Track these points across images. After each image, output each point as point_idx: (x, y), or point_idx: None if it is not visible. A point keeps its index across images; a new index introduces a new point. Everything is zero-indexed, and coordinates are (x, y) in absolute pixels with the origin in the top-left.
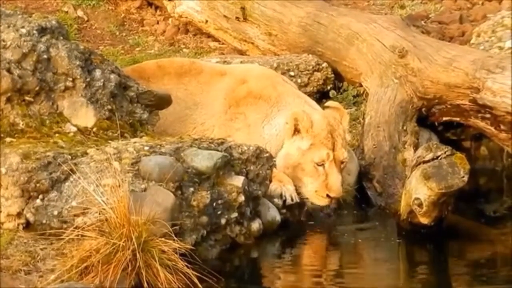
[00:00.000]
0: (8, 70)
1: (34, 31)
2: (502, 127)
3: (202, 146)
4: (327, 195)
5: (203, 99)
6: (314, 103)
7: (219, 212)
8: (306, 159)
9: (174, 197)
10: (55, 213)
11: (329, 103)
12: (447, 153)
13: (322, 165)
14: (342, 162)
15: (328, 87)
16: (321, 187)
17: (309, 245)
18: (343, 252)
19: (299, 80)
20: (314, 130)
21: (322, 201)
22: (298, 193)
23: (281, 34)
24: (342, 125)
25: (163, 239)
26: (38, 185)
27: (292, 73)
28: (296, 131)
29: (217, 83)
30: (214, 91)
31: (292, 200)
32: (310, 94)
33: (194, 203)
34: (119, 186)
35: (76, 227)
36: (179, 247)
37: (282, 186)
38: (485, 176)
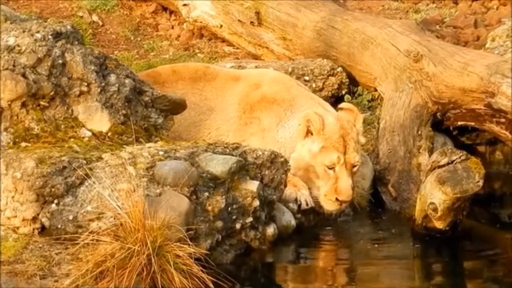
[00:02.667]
0: (23, 75)
1: (49, 36)
2: None
3: (217, 151)
4: (336, 199)
5: (218, 104)
6: (328, 105)
7: (234, 217)
8: (317, 162)
9: (189, 201)
10: (70, 217)
11: (343, 104)
12: (462, 157)
13: (333, 168)
14: (353, 166)
15: (343, 92)
16: (330, 190)
17: (324, 249)
18: (357, 256)
19: (313, 85)
20: (326, 132)
21: (331, 206)
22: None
23: (296, 39)
24: (355, 128)
25: (178, 243)
26: (53, 189)
27: (307, 78)
28: (308, 132)
29: (232, 88)
30: (229, 96)
31: (307, 205)
32: (325, 99)
33: (209, 208)
34: (134, 190)
35: (91, 232)
36: (194, 252)
37: (297, 191)
38: (500, 180)
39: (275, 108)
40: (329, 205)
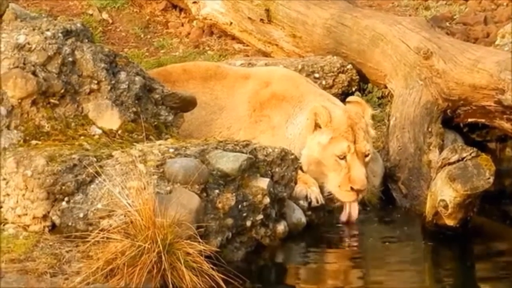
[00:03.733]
0: (34, 73)
1: (59, 34)
2: None
3: (227, 148)
4: (351, 188)
5: (228, 103)
6: (337, 100)
7: (244, 214)
8: (327, 153)
9: (199, 199)
10: (81, 215)
11: (350, 98)
12: (472, 154)
13: (344, 158)
14: (365, 156)
15: (353, 89)
16: (344, 180)
17: (334, 247)
18: (368, 254)
19: (323, 82)
20: (333, 124)
21: (347, 196)
22: (324, 192)
23: (306, 36)
24: (364, 119)
25: (188, 241)
26: (63, 187)
27: (316, 75)
28: (317, 126)
29: (241, 87)
30: (239, 95)
31: (317, 202)
32: (334, 96)
33: (219, 205)
34: (144, 188)
35: (102, 230)
36: (204, 249)
37: (307, 188)
38: (510, 177)
39: (284, 105)
40: (345, 197)
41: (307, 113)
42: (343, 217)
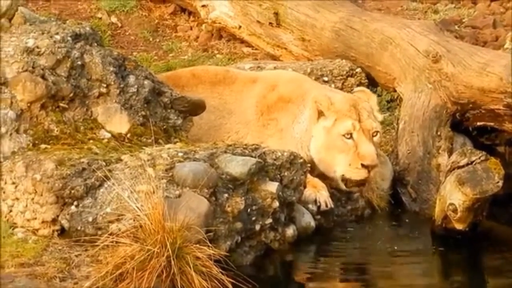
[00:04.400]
0: (43, 77)
1: (68, 38)
2: None
3: (236, 152)
4: (362, 165)
5: (237, 107)
6: (340, 91)
7: (253, 218)
8: (333, 135)
9: (209, 203)
10: (90, 219)
11: (355, 89)
12: (481, 158)
13: (350, 137)
14: (373, 134)
15: None
16: (353, 158)
17: (343, 251)
18: (376, 257)
19: (332, 86)
20: (335, 106)
21: (359, 174)
22: (337, 179)
23: (314, 39)
24: (369, 104)
25: (197, 245)
26: (72, 191)
27: (325, 78)
28: (320, 114)
29: (249, 91)
30: (247, 99)
31: (326, 206)
32: None
33: (229, 209)
34: (154, 192)
35: (111, 234)
36: (213, 253)
37: (316, 192)
38: None
39: (290, 107)
40: (356, 174)
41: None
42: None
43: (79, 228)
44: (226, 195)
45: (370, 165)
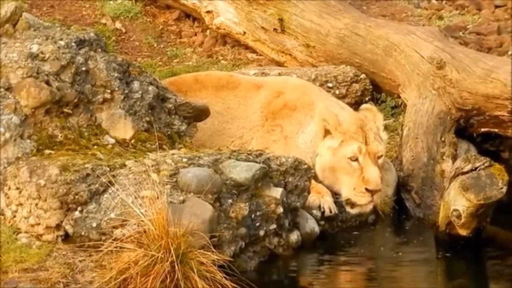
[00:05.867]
0: (47, 82)
1: (73, 44)
2: None
3: (240, 158)
4: (366, 190)
5: (241, 112)
6: (347, 106)
7: (257, 224)
8: (339, 157)
9: (213, 208)
10: (94, 225)
11: (362, 106)
12: (485, 164)
13: (356, 160)
14: (378, 157)
15: (366, 99)
16: (358, 182)
17: (347, 257)
18: (381, 263)
19: (337, 92)
20: (342, 127)
21: (362, 199)
22: (338, 201)
23: (319, 46)
24: (375, 123)
25: (201, 250)
26: (76, 197)
27: (330, 85)
28: (327, 132)
29: (254, 96)
30: (251, 104)
31: (330, 211)
32: (348, 105)
33: (233, 215)
34: (158, 198)
35: (115, 239)
36: (217, 259)
37: (320, 198)
38: None
39: (296, 115)
40: (361, 199)
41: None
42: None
43: (83, 233)
44: (230, 200)
45: (374, 189)
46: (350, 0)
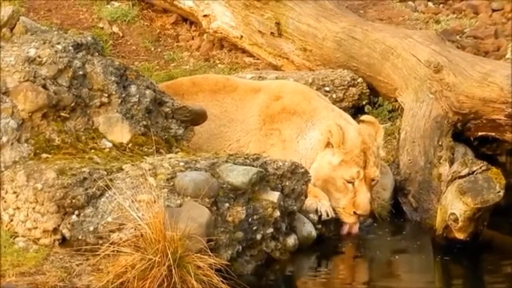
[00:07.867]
0: (44, 86)
1: (70, 47)
2: None
3: (237, 162)
4: (354, 213)
5: (238, 116)
6: (349, 117)
7: (254, 228)
8: (337, 175)
9: (210, 212)
10: (91, 228)
11: (364, 117)
12: (482, 168)
13: (352, 182)
14: (373, 180)
15: (363, 102)
16: (348, 204)
17: (345, 260)
18: (378, 267)
19: (334, 95)
20: (346, 146)
21: (349, 219)
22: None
23: (316, 49)
24: (376, 142)
25: (198, 254)
26: (74, 201)
27: (327, 88)
28: (329, 144)
29: (252, 100)
30: (249, 108)
31: (327, 215)
32: (345, 109)
33: (230, 219)
34: (155, 201)
35: (112, 243)
36: (214, 263)
37: (317, 202)
38: None
39: (295, 120)
40: (347, 218)
41: (321, 129)
42: (344, 230)
43: (80, 237)
44: (227, 204)
45: (362, 215)
46: (347, 4)
